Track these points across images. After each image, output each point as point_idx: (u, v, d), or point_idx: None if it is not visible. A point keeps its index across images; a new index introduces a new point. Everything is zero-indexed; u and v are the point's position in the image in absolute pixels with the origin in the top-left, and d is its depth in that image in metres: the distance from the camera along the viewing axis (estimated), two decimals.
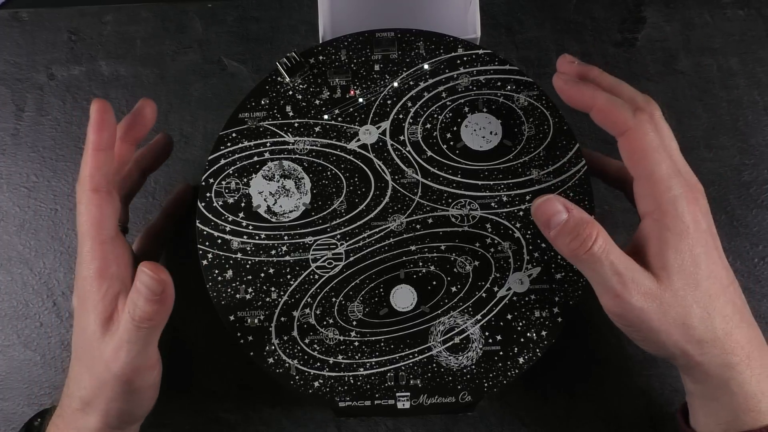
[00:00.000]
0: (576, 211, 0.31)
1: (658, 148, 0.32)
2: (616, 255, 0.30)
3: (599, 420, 0.41)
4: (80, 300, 0.33)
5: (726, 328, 0.31)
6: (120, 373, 0.32)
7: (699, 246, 0.31)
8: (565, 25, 0.47)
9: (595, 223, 0.31)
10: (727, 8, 0.47)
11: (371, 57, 0.37)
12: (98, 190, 0.33)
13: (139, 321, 0.31)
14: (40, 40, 0.48)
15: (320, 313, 0.35)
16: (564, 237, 0.31)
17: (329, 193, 0.36)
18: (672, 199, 0.31)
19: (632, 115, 0.32)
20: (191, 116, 0.46)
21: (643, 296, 0.30)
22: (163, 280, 0.31)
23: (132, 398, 0.33)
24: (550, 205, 0.32)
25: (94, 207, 0.32)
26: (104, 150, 0.33)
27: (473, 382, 0.34)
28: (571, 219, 0.31)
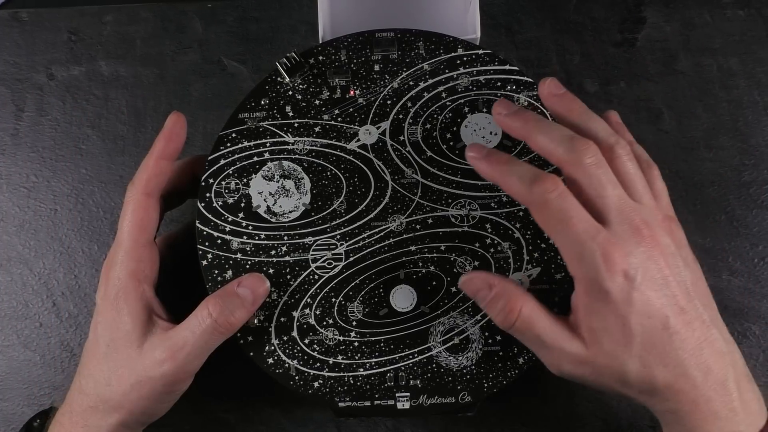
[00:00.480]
0: (499, 287, 0.32)
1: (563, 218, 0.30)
2: (543, 327, 0.31)
3: (599, 420, 0.41)
4: (112, 298, 0.33)
5: (667, 379, 0.30)
6: (170, 373, 0.32)
7: (624, 304, 0.29)
8: (565, 25, 0.47)
9: (519, 296, 0.31)
10: (727, 8, 0.47)
11: (371, 57, 0.37)
12: (150, 195, 0.34)
13: (221, 324, 0.32)
14: (40, 41, 0.48)
15: (320, 313, 0.35)
16: (492, 311, 0.32)
17: (329, 194, 0.36)
18: (586, 268, 0.30)
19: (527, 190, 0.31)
20: (191, 116, 0.46)
21: (573, 364, 0.31)
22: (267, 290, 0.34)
23: (164, 399, 0.34)
24: (473, 284, 0.33)
25: (143, 210, 0.34)
26: (166, 160, 0.35)
27: (473, 383, 0.34)
28: (493, 296, 0.32)
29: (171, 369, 0.32)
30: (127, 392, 0.33)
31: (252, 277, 0.34)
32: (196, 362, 0.33)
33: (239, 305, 0.33)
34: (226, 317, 0.32)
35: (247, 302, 0.33)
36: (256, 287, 0.34)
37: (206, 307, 0.33)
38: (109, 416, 0.33)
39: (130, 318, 0.33)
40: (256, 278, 0.34)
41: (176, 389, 0.34)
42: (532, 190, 0.31)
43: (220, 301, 0.33)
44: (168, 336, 0.33)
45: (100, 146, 0.46)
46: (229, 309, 0.33)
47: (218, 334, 0.33)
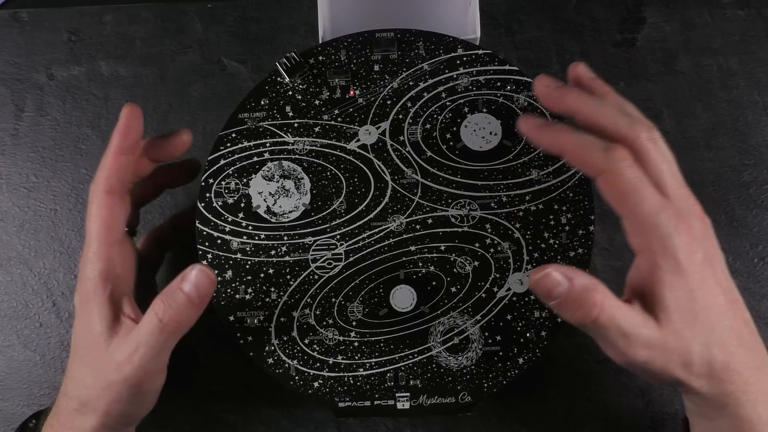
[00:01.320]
0: (578, 279, 0.29)
1: (638, 186, 0.30)
2: (621, 315, 0.29)
3: (599, 420, 0.41)
4: (83, 300, 0.33)
5: (723, 360, 0.30)
6: (130, 376, 0.32)
7: (694, 280, 0.30)
8: (564, 25, 0.47)
9: (597, 287, 0.29)
10: (727, 8, 0.47)
11: (371, 57, 0.37)
12: (112, 192, 0.33)
13: (168, 322, 0.31)
14: (40, 40, 0.48)
15: (320, 313, 0.35)
16: (567, 308, 0.30)
17: (329, 194, 0.36)
18: (661, 237, 0.30)
19: (603, 156, 0.30)
20: (191, 116, 0.46)
21: (647, 349, 0.30)
22: (214, 282, 0.32)
23: (136, 401, 0.33)
24: (548, 279, 0.29)
25: (106, 209, 0.33)
26: (125, 154, 0.33)
27: (473, 383, 0.34)
28: (573, 290, 0.29)
29: (130, 372, 0.31)
30: (100, 395, 0.32)
31: (195, 270, 0.32)
32: (155, 362, 0.32)
33: (184, 303, 0.31)
34: (171, 316, 0.31)
35: (193, 299, 0.31)
36: (199, 282, 0.31)
37: (153, 309, 0.32)
38: (90, 419, 0.33)
39: (98, 319, 0.32)
40: (198, 272, 0.31)
41: (144, 389, 0.33)
42: (607, 157, 0.30)
43: (165, 299, 0.31)
44: (128, 338, 0.32)
45: (100, 146, 0.46)
46: (173, 308, 0.31)
47: (168, 334, 0.31)
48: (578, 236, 0.35)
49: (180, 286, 0.31)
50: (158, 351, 0.32)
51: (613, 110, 0.32)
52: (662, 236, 0.30)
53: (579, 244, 0.35)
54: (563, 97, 0.33)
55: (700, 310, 0.30)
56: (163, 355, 0.32)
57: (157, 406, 0.37)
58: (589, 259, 0.35)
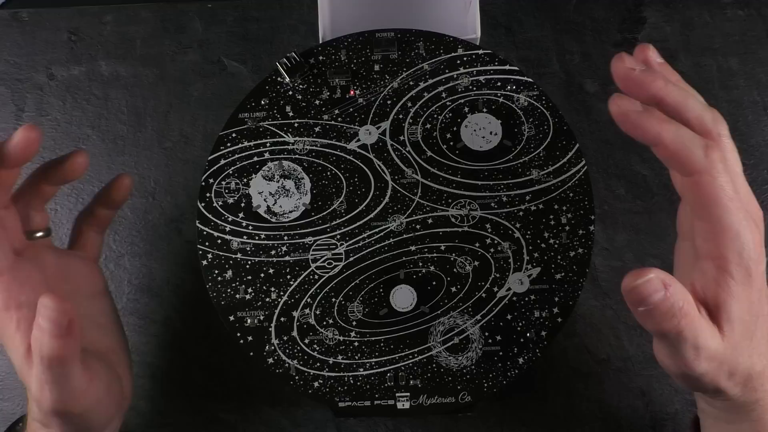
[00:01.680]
0: (673, 288, 0.27)
1: (729, 194, 0.29)
2: (700, 327, 0.28)
3: (599, 420, 0.41)
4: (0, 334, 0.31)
5: (761, 368, 0.30)
6: (52, 409, 0.30)
7: (755, 291, 0.29)
8: (565, 25, 0.47)
9: (687, 296, 0.28)
10: (727, 8, 0.47)
11: (371, 57, 0.37)
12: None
13: (49, 360, 0.29)
14: (40, 40, 0.48)
15: (320, 313, 0.35)
16: (656, 317, 0.28)
17: (329, 194, 0.36)
18: (740, 248, 0.28)
19: (703, 155, 0.28)
20: (191, 116, 0.46)
21: (708, 361, 0.29)
22: (66, 310, 0.28)
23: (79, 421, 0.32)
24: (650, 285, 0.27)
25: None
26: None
27: (473, 383, 0.34)
28: (669, 299, 0.27)
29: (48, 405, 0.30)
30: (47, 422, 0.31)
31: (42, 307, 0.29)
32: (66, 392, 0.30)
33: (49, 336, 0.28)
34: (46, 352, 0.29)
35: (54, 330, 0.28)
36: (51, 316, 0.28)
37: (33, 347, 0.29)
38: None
39: (14, 352, 0.31)
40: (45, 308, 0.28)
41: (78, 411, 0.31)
42: (707, 156, 0.28)
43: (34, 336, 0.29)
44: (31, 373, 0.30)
45: (100, 146, 0.46)
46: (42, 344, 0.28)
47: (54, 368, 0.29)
48: (578, 236, 0.35)
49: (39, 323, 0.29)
50: (61, 383, 0.30)
51: (698, 104, 0.30)
52: (741, 246, 0.28)
53: (579, 244, 0.35)
54: (649, 83, 0.30)
55: (753, 323, 0.29)
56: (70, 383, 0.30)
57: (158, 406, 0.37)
58: (589, 259, 0.35)
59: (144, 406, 0.41)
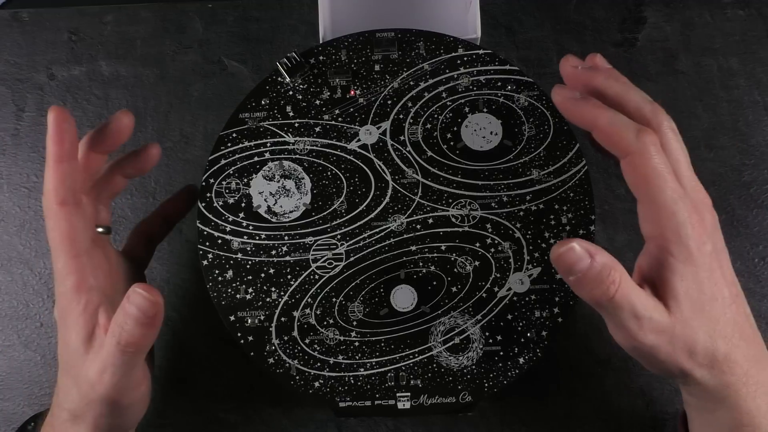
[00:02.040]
0: (599, 256, 0.29)
1: (662, 173, 0.30)
2: (636, 296, 0.29)
3: (599, 420, 0.41)
4: (60, 315, 0.32)
5: (726, 350, 0.30)
6: (105, 395, 0.31)
7: (703, 271, 0.30)
8: (565, 25, 0.47)
9: (617, 266, 0.29)
10: (727, 8, 0.47)
11: (371, 57, 0.37)
12: (65, 203, 0.31)
13: (125, 345, 0.30)
14: (40, 40, 0.48)
15: (320, 313, 0.35)
16: (585, 285, 0.29)
17: (329, 194, 0.36)
18: (676, 225, 0.30)
19: (635, 138, 0.30)
20: (191, 116, 0.46)
21: (655, 334, 0.30)
22: (157, 302, 0.30)
23: (120, 413, 0.33)
24: (571, 254, 0.29)
25: (63, 221, 0.31)
26: (66, 161, 0.31)
27: (473, 382, 0.34)
28: (594, 267, 0.29)
29: (103, 391, 0.31)
30: (85, 410, 0.32)
31: (135, 294, 0.30)
32: (126, 380, 0.31)
33: (134, 325, 0.30)
34: (127, 339, 0.30)
35: (140, 320, 0.30)
36: (141, 304, 0.30)
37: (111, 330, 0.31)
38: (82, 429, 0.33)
39: (74, 334, 0.32)
40: (138, 295, 0.30)
41: (124, 404, 0.32)
42: (639, 138, 0.30)
43: (118, 322, 0.31)
44: (97, 356, 0.31)
45: None
46: (126, 331, 0.30)
47: (128, 354, 0.31)
48: (578, 236, 0.35)
49: (126, 309, 0.30)
50: (125, 371, 0.31)
51: (639, 96, 0.33)
52: (677, 225, 0.30)
53: None
54: (592, 78, 0.33)
55: (707, 301, 0.30)
56: (134, 371, 0.32)
57: (158, 406, 0.37)
58: None
59: None
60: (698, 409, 0.33)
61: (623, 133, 0.31)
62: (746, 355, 0.31)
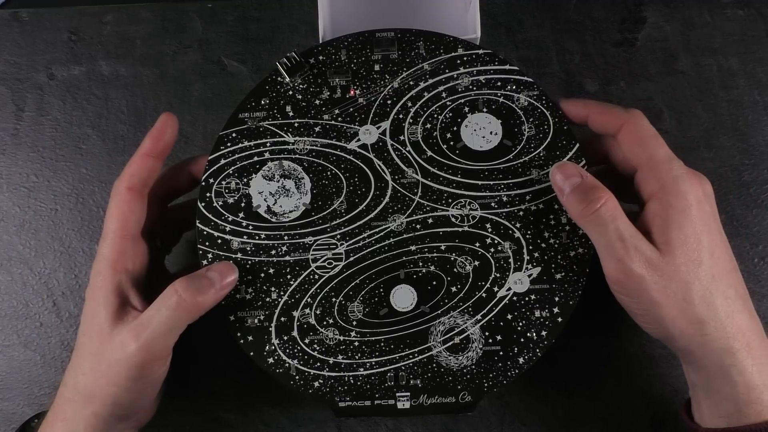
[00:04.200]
0: (590, 177, 0.33)
1: (655, 135, 0.34)
2: (623, 222, 0.31)
3: (599, 420, 0.41)
4: (92, 291, 0.34)
5: (727, 310, 0.31)
6: (134, 353, 0.32)
7: (701, 224, 0.31)
8: (565, 25, 0.47)
9: (606, 190, 0.32)
10: (727, 8, 0.47)
11: (371, 57, 0.37)
12: (132, 189, 0.34)
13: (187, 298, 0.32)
14: (40, 40, 0.48)
15: (320, 313, 0.35)
16: (575, 198, 0.33)
17: (329, 193, 0.36)
18: (674, 178, 0.32)
19: (625, 111, 0.34)
20: (191, 116, 0.46)
21: (644, 264, 0.31)
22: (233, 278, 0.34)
23: (135, 387, 0.33)
24: (567, 168, 0.33)
25: (125, 204, 0.34)
26: (153, 158, 0.35)
27: (473, 382, 0.34)
28: (584, 182, 0.33)
29: (134, 349, 0.32)
30: (97, 379, 0.32)
31: (222, 263, 0.34)
32: (162, 342, 0.32)
33: (207, 285, 0.33)
34: (192, 295, 0.32)
35: (216, 284, 0.33)
36: (224, 272, 0.34)
37: (173, 286, 0.32)
38: (83, 407, 0.33)
39: (103, 307, 0.33)
40: (226, 265, 0.34)
41: (145, 374, 0.33)
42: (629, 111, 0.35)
43: (188, 280, 0.33)
44: (140, 317, 0.32)
45: (101, 146, 0.46)
46: (195, 287, 0.32)
47: (183, 311, 0.32)
48: (578, 236, 0.35)
49: (205, 271, 0.33)
50: (168, 330, 0.32)
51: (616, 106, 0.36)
52: (676, 178, 0.32)
53: (579, 243, 0.35)
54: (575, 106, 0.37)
55: (705, 256, 0.31)
56: (171, 336, 0.33)
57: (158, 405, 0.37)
58: (590, 259, 0.35)
59: None
60: (703, 389, 0.33)
61: (614, 110, 0.35)
62: (750, 326, 0.31)
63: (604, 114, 0.35)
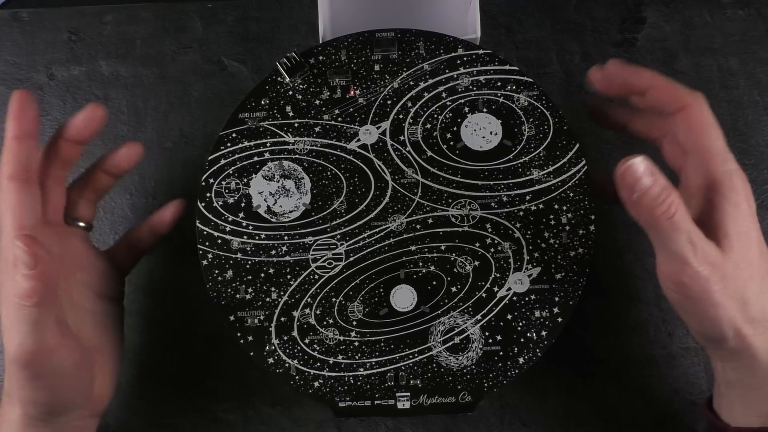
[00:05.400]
0: (662, 177, 0.30)
1: (715, 125, 0.32)
2: (692, 224, 0.30)
3: (599, 420, 0.41)
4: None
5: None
6: (14, 357, 0.31)
7: (753, 222, 0.31)
8: (565, 25, 0.47)
9: (676, 190, 0.30)
10: (727, 8, 0.47)
11: (371, 57, 0.37)
12: (14, 178, 0.32)
13: (21, 298, 0.30)
14: (40, 40, 0.48)
15: (320, 313, 0.35)
16: (647, 203, 0.30)
17: (329, 193, 0.36)
18: (729, 172, 0.31)
19: (690, 93, 0.33)
20: (191, 116, 0.46)
21: (709, 266, 0.30)
22: (35, 254, 0.30)
23: (39, 385, 0.32)
24: (637, 168, 0.30)
25: (10, 194, 0.32)
26: (23, 139, 0.32)
27: (473, 382, 0.34)
28: (657, 185, 0.30)
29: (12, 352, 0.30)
30: (11, 382, 0.32)
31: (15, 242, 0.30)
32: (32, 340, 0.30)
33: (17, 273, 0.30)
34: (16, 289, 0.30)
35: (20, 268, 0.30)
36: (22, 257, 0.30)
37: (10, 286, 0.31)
38: (14, 409, 0.32)
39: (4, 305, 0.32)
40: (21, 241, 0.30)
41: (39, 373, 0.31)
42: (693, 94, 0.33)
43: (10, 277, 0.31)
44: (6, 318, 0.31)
45: (100, 146, 0.46)
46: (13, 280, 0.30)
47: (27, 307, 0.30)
48: (578, 236, 0.35)
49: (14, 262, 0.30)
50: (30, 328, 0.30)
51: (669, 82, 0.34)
52: (731, 172, 0.31)
53: (579, 244, 0.35)
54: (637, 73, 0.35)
55: (756, 255, 0.31)
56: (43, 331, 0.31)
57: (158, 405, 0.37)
58: (590, 259, 0.35)
59: (144, 406, 0.41)
60: (742, 387, 0.32)
61: (680, 89, 0.33)
62: None
63: (671, 90, 0.33)
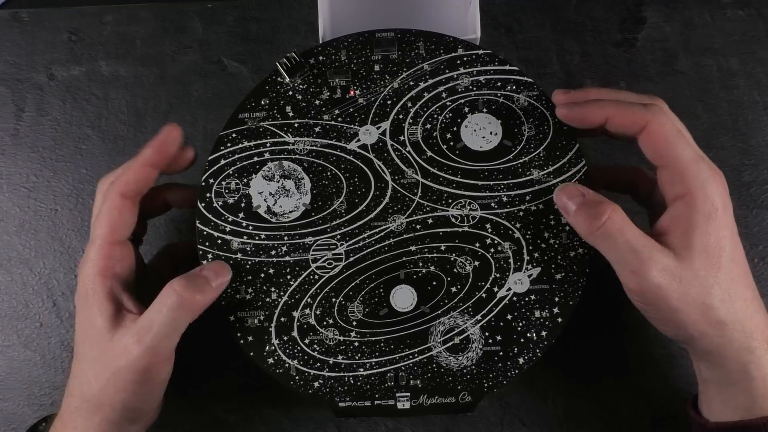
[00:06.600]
0: (592, 193, 0.33)
1: (681, 133, 0.32)
2: (632, 233, 0.31)
3: (599, 420, 0.41)
4: (82, 296, 0.33)
5: (746, 312, 0.31)
6: (138, 357, 0.32)
7: (726, 229, 0.31)
8: (565, 25, 0.47)
9: (611, 203, 0.32)
10: (727, 8, 0.47)
11: (371, 57, 0.37)
12: (126, 197, 0.34)
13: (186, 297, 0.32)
14: (40, 41, 0.48)
15: (320, 313, 0.35)
16: (580, 216, 0.32)
17: (329, 194, 0.36)
18: (702, 182, 0.31)
19: (646, 110, 0.32)
20: (191, 116, 0.46)
21: (661, 273, 0.30)
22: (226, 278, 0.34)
23: (141, 390, 0.33)
24: (569, 190, 0.33)
25: (117, 210, 0.34)
26: (150, 168, 0.34)
27: (473, 383, 0.34)
28: (587, 199, 0.32)
29: (139, 353, 0.32)
30: (104, 387, 0.32)
31: (216, 263, 0.35)
32: (166, 343, 0.32)
33: (203, 284, 0.33)
34: (192, 293, 0.32)
35: (211, 280, 0.33)
36: (219, 272, 0.34)
37: (171, 286, 0.32)
38: (93, 415, 0.33)
39: (99, 313, 0.33)
40: (219, 264, 0.35)
41: (151, 376, 0.33)
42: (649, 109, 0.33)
43: (185, 279, 0.33)
44: (139, 320, 0.32)
45: (101, 146, 0.46)
46: (194, 286, 0.32)
47: (184, 310, 0.32)
48: (578, 236, 0.35)
49: (199, 270, 0.34)
50: (170, 330, 0.32)
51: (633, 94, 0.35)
52: (703, 181, 0.31)
53: (579, 244, 0.35)
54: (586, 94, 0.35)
55: (726, 261, 0.31)
56: (173, 336, 0.32)
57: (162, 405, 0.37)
58: (590, 259, 0.35)
59: None
60: (718, 384, 0.33)
61: (635, 110, 0.33)
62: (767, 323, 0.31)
63: (626, 114, 0.33)
